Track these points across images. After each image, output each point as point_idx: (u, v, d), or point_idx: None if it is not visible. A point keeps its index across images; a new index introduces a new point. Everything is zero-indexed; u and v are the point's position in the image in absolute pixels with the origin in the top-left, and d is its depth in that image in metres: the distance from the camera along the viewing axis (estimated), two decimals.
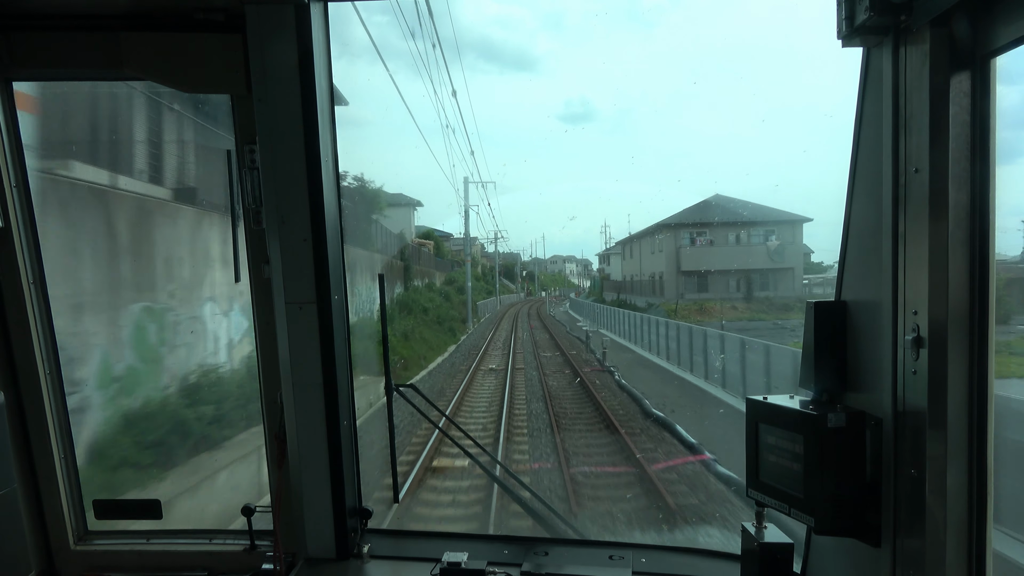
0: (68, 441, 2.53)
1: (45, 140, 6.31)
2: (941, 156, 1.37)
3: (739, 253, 42.23)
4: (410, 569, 2.36)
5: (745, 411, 1.80)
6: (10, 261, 2.32)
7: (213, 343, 8.78)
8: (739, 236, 42.96)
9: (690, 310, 37.98)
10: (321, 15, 2.11)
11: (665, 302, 41.77)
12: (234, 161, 2.19)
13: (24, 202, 2.34)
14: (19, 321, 2.37)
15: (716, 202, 42.59)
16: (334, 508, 2.35)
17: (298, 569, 2.35)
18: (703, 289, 43.00)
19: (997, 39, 1.30)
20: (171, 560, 2.52)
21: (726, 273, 41.86)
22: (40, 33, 2.13)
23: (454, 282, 46.36)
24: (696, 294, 42.45)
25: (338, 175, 2.29)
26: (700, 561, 2.32)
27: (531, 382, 19.56)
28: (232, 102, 2.18)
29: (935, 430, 1.41)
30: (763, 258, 40.38)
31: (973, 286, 1.39)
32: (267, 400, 2.38)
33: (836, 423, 1.57)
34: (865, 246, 1.61)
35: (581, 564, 2.27)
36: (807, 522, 1.61)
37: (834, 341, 1.69)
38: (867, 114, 1.59)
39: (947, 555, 1.42)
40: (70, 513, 2.55)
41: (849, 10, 1.48)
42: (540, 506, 2.68)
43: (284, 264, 2.18)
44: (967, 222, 1.38)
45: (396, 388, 2.59)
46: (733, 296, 41.05)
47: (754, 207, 41.65)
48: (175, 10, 2.07)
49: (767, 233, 41.65)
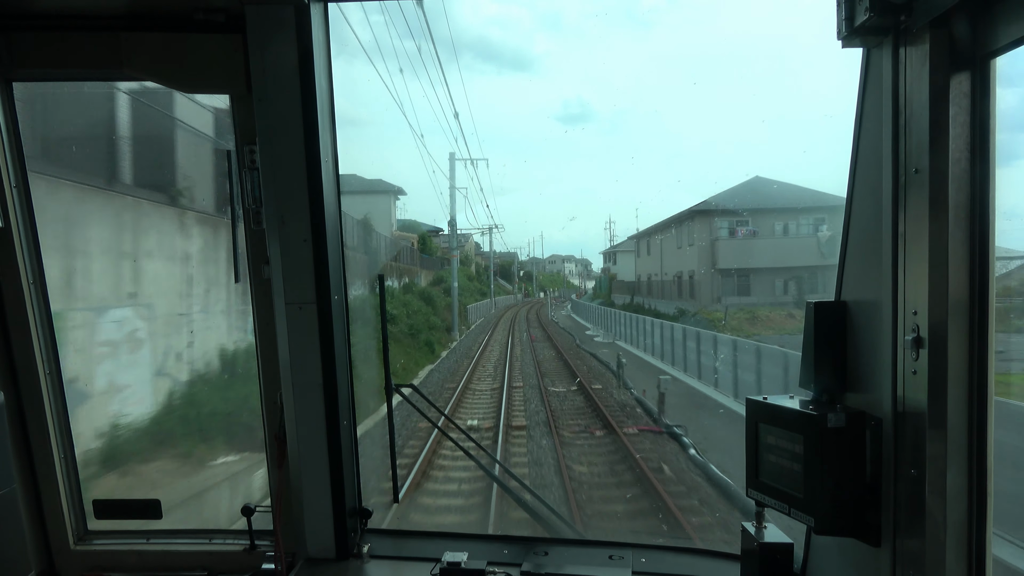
0: (68, 441, 2.52)
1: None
2: (941, 156, 1.37)
3: (787, 247, 33.35)
4: (410, 569, 2.36)
5: (745, 412, 1.81)
6: (10, 261, 2.32)
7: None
8: (787, 226, 34.44)
9: (740, 320, 29.44)
10: (321, 15, 2.11)
11: (704, 309, 32.93)
12: (234, 161, 2.19)
13: (24, 202, 2.34)
14: (19, 321, 2.37)
15: (756, 186, 34.85)
16: (334, 508, 2.35)
17: (298, 569, 2.35)
18: (744, 292, 34.13)
19: (997, 39, 1.30)
20: (171, 560, 2.52)
21: (772, 271, 33.49)
22: (40, 33, 2.13)
23: (442, 282, 40.74)
24: (736, 297, 33.39)
25: (338, 175, 2.29)
26: (700, 561, 2.32)
27: (541, 471, 10.36)
28: (232, 102, 2.19)
29: (935, 430, 1.41)
30: (814, 253, 30.71)
31: (973, 286, 1.39)
32: (267, 400, 2.38)
33: (836, 423, 1.57)
34: (865, 246, 1.62)
35: (581, 564, 2.27)
36: (807, 522, 1.61)
37: (834, 341, 1.69)
38: (867, 114, 1.59)
39: (947, 555, 1.42)
40: (70, 513, 2.54)
41: (849, 10, 1.48)
42: (540, 506, 2.69)
43: (284, 265, 2.18)
44: (967, 222, 1.38)
45: (396, 388, 2.59)
46: (782, 300, 32.51)
47: (800, 191, 33.62)
48: (175, 10, 2.07)
49: (817, 222, 33.26)
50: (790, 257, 32.52)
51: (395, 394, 2.60)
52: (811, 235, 33.09)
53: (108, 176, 5.81)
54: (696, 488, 9.36)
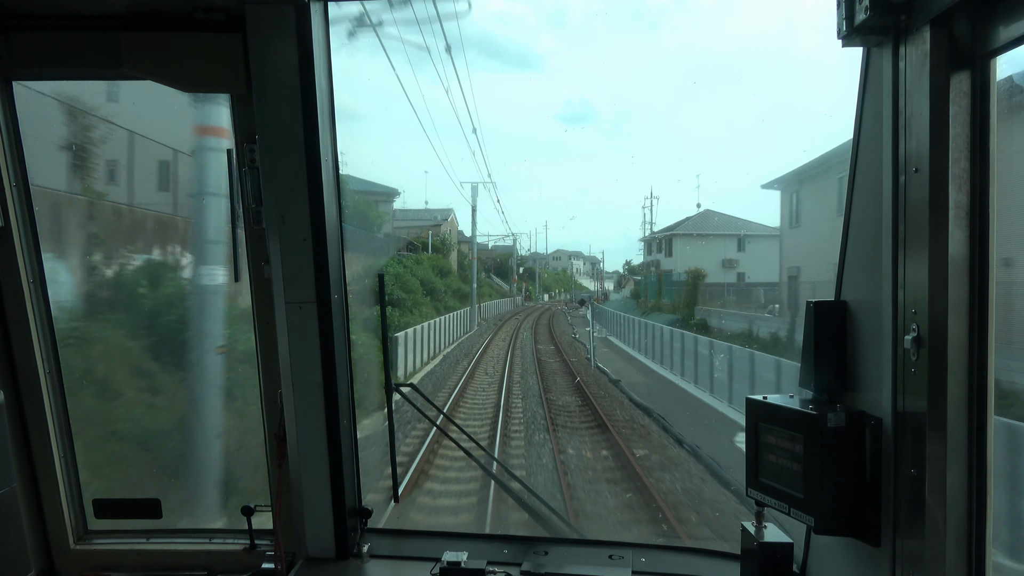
0: (68, 441, 2.52)
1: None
2: (941, 156, 1.37)
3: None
4: (410, 568, 2.36)
5: (745, 412, 1.80)
6: (10, 261, 2.32)
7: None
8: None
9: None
10: (321, 15, 2.11)
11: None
12: (234, 161, 2.19)
13: (24, 202, 2.34)
14: (19, 321, 2.37)
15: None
16: (334, 508, 2.35)
17: (298, 568, 2.35)
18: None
19: (997, 39, 1.30)
20: (171, 559, 2.52)
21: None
22: (40, 33, 2.13)
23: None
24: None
25: (338, 175, 2.29)
26: (700, 560, 2.32)
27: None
28: (232, 102, 2.19)
29: (935, 430, 1.41)
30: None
31: (973, 286, 1.39)
32: (267, 400, 2.38)
33: (836, 423, 1.57)
34: (865, 246, 1.61)
35: (581, 564, 2.27)
36: (807, 522, 1.61)
37: (834, 341, 1.69)
38: (867, 114, 1.59)
39: (947, 555, 1.42)
40: (70, 513, 2.54)
41: (849, 10, 1.48)
42: (540, 505, 2.69)
43: (284, 264, 2.18)
44: (967, 222, 1.38)
45: (396, 387, 2.59)
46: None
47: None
48: (175, 10, 2.07)
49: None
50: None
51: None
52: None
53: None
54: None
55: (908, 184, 1.43)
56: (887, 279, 1.50)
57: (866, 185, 1.60)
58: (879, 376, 1.55)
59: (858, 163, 1.63)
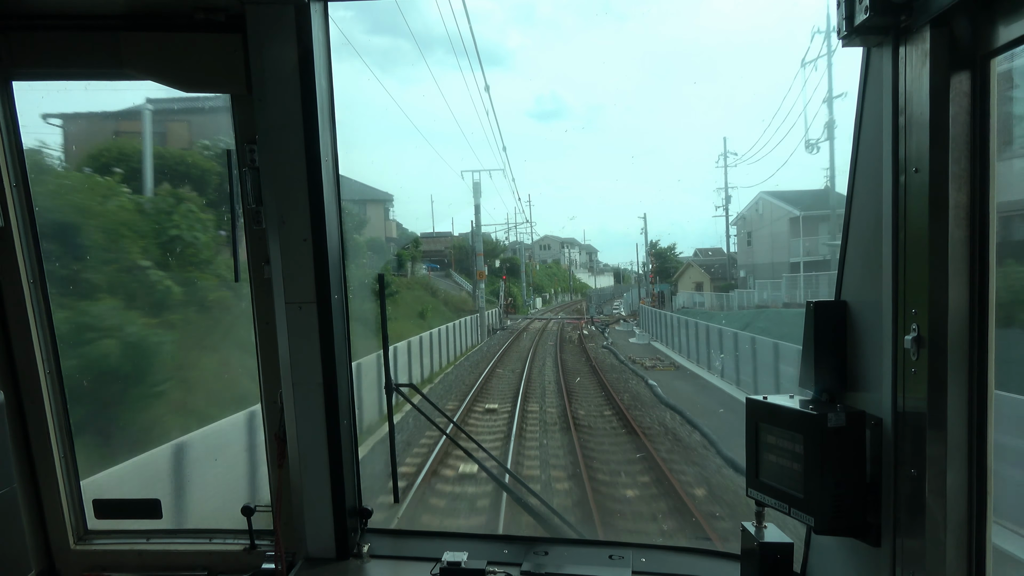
0: (68, 441, 2.52)
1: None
2: (941, 156, 1.36)
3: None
4: (410, 569, 2.35)
5: (745, 412, 1.80)
6: (10, 261, 2.32)
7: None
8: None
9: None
10: (321, 15, 2.11)
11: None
12: (234, 161, 2.19)
13: (24, 202, 2.34)
14: (19, 321, 2.37)
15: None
16: (334, 508, 2.35)
17: (298, 569, 2.35)
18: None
19: (997, 39, 1.29)
20: (171, 559, 2.52)
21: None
22: (40, 33, 2.13)
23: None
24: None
25: (338, 175, 2.29)
26: (700, 561, 2.32)
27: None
28: (232, 102, 2.19)
29: (935, 430, 1.41)
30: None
31: (973, 286, 1.39)
32: (267, 400, 2.38)
33: (836, 423, 1.57)
34: (865, 246, 1.61)
35: (581, 563, 2.27)
36: (807, 522, 1.61)
37: (834, 341, 1.69)
38: (867, 114, 1.59)
39: (947, 555, 1.42)
40: (70, 513, 2.54)
41: (849, 10, 1.48)
42: (540, 505, 2.68)
43: (284, 264, 2.18)
44: (967, 222, 1.38)
45: (396, 387, 2.59)
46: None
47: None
48: (175, 10, 2.07)
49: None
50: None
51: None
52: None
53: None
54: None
55: (908, 184, 1.43)
56: (887, 279, 1.50)
57: (866, 185, 1.60)
58: (879, 376, 1.55)
59: (858, 163, 1.63)
